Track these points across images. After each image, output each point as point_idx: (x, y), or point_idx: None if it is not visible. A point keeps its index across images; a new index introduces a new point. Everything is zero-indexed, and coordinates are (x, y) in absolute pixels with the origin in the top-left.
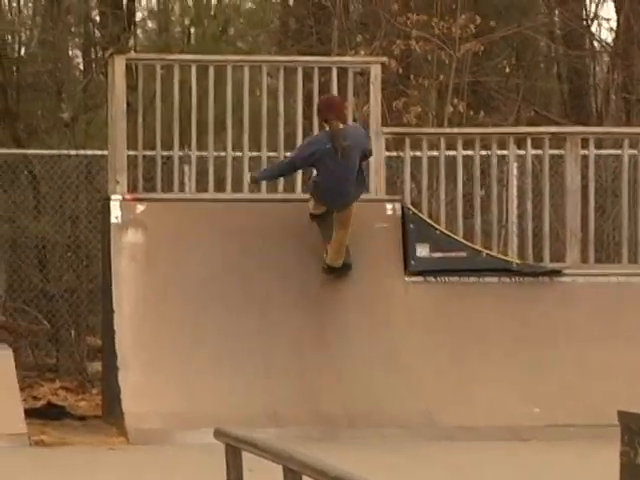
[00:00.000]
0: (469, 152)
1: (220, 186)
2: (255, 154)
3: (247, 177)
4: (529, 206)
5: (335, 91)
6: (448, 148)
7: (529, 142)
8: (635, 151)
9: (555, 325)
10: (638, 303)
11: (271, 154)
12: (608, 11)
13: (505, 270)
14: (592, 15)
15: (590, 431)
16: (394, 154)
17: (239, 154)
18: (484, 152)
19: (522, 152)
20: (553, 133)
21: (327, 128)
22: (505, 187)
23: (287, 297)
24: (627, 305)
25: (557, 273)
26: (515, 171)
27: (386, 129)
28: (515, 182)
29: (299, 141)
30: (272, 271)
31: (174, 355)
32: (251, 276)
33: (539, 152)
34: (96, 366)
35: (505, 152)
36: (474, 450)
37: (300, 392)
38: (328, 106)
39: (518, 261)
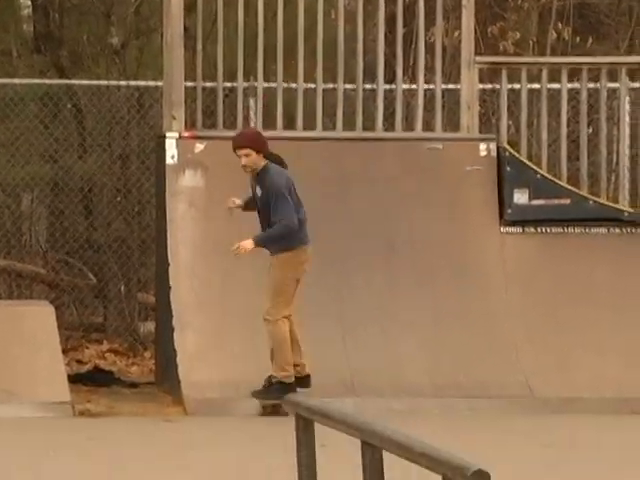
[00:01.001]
0: (575, 85)
1: (290, 123)
2: (329, 86)
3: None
4: None
5: (422, 15)
6: (551, 80)
7: None
8: None
9: None
10: None
11: (348, 86)
12: None
13: (615, 220)
14: None
15: None
16: (489, 87)
17: (312, 86)
18: (592, 85)
19: (636, 85)
20: None
21: (262, 164)
22: (616, 125)
23: (369, 255)
24: None
25: None
26: (627, 106)
27: (480, 58)
28: (627, 119)
29: (380, 72)
30: (351, 223)
31: (238, 314)
32: (326, 227)
33: None
34: (149, 326)
35: (616, 84)
36: (577, 425)
37: (380, 360)
38: (262, 137)
39: (630, 210)
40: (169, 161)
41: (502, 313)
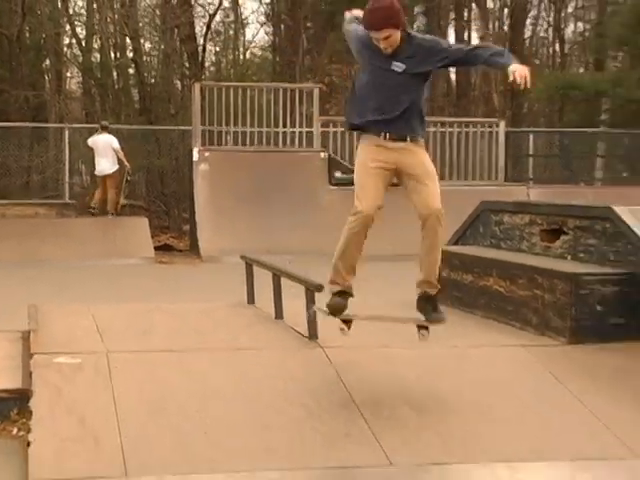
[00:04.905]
0: None
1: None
2: (268, 130)
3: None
4: None
5: (289, 105)
6: None
7: None
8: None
9: None
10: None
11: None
12: None
13: None
14: None
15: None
16: (326, 130)
17: (260, 129)
18: None
19: None
20: None
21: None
22: None
23: (281, 203)
24: None
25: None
26: None
27: (321, 118)
28: None
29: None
30: (276, 191)
31: (227, 224)
32: (266, 190)
33: None
34: (186, 227)
35: None
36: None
37: (292, 238)
38: (400, 7)
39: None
40: (194, 159)
41: (325, 231)
